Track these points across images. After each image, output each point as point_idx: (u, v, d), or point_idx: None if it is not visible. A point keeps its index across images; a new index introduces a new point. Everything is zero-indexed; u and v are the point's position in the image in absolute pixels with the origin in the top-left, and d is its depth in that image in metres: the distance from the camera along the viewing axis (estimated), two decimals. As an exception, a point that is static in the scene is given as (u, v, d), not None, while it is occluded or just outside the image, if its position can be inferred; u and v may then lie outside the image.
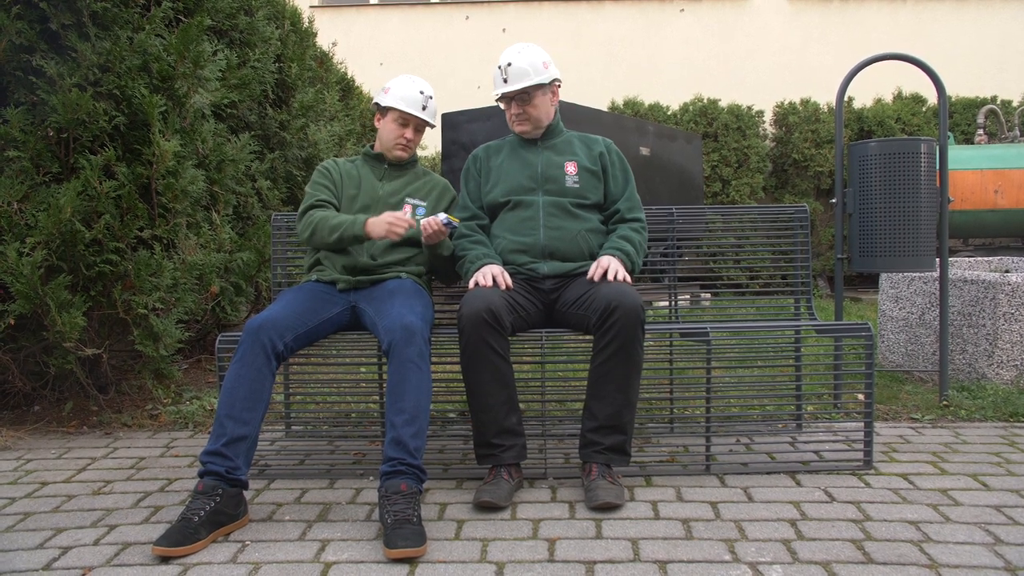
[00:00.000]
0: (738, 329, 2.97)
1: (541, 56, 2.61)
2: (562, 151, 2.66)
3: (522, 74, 2.57)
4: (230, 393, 2.15)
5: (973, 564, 1.84)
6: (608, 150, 2.70)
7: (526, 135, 2.67)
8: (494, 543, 2.00)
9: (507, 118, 2.68)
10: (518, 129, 2.66)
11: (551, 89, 2.65)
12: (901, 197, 3.21)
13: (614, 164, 2.68)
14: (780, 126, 8.91)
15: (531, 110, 2.61)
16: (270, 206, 4.35)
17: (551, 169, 2.62)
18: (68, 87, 2.95)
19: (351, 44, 9.84)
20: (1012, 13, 10.31)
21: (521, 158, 2.67)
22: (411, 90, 2.66)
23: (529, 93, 2.59)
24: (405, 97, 2.64)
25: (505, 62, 2.59)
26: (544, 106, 2.64)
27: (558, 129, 2.72)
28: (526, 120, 2.63)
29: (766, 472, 2.53)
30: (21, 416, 3.33)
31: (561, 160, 2.64)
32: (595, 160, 2.66)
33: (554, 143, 2.69)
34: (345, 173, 2.72)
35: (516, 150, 2.70)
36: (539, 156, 2.66)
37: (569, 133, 2.74)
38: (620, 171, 2.69)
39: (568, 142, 2.69)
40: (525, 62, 2.57)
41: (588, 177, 2.63)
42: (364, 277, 2.54)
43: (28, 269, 2.80)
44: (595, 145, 2.70)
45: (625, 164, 2.71)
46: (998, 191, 7.00)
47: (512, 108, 2.62)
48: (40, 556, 1.98)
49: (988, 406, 3.20)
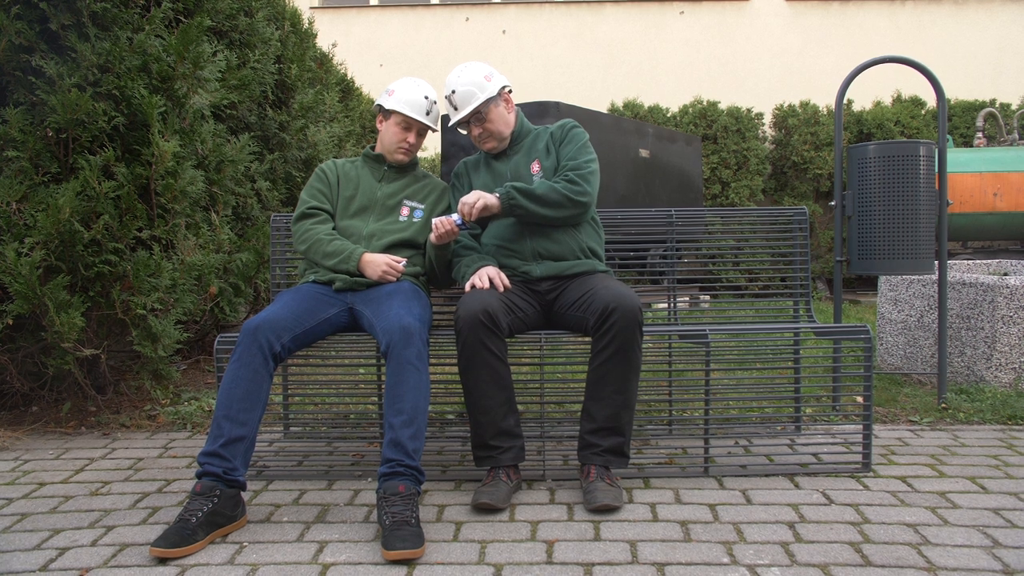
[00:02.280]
0: (737, 331, 2.97)
1: (481, 71, 2.58)
2: (528, 151, 2.66)
3: (468, 96, 2.55)
4: (227, 394, 2.15)
5: (971, 567, 1.84)
6: (561, 127, 2.66)
7: (494, 151, 2.66)
8: (492, 545, 2.00)
9: (472, 141, 2.68)
10: (486, 147, 2.65)
11: (502, 99, 2.62)
12: (900, 200, 3.21)
13: (563, 138, 2.63)
14: (779, 128, 8.92)
15: (490, 127, 2.59)
16: (269, 207, 4.35)
17: (518, 173, 2.62)
18: (67, 87, 2.95)
19: (351, 45, 9.86)
20: (1011, 16, 10.33)
21: (492, 170, 2.68)
22: (416, 94, 2.65)
23: (482, 112, 2.57)
24: (409, 101, 2.63)
25: (449, 90, 2.57)
26: (501, 118, 2.61)
27: (523, 131, 2.70)
28: (489, 137, 2.62)
29: (764, 474, 2.53)
30: (19, 416, 3.33)
31: (528, 161, 2.63)
32: (550, 146, 2.64)
33: (520, 146, 2.68)
34: (343, 174, 2.72)
35: (488, 162, 2.71)
36: (507, 164, 2.65)
37: (534, 130, 2.71)
38: (569, 140, 2.62)
39: (533, 140, 2.68)
40: (467, 82, 2.55)
41: (550, 168, 2.61)
42: (361, 279, 2.54)
43: (27, 269, 2.80)
44: (548, 131, 2.68)
45: (577, 132, 2.64)
46: (997, 194, 7.00)
47: (472, 131, 2.62)
48: (37, 557, 1.97)
49: (986, 409, 3.20)
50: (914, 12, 10.42)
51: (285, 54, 4.69)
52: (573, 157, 2.57)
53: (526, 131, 2.70)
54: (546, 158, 2.62)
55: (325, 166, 2.74)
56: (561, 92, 9.26)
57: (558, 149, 2.62)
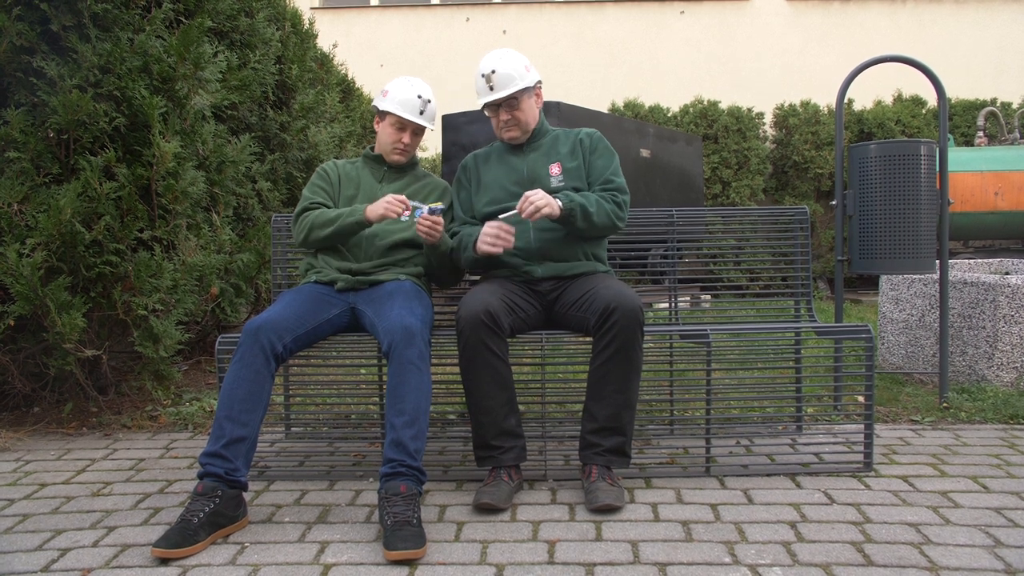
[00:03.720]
0: (738, 331, 2.97)
1: (521, 60, 2.59)
2: (547, 152, 2.65)
3: (508, 80, 2.53)
4: (229, 394, 2.15)
5: (973, 566, 1.84)
6: (589, 137, 2.66)
7: (515, 141, 2.65)
8: (494, 545, 2.00)
9: (494, 126, 2.66)
10: (507, 136, 2.63)
11: (535, 92, 2.64)
12: (901, 199, 3.21)
13: (595, 148, 2.64)
14: (780, 128, 8.92)
15: (519, 115, 2.59)
16: (270, 207, 4.35)
17: (536, 172, 2.61)
18: (68, 88, 2.95)
19: (352, 46, 9.86)
20: (1012, 15, 10.32)
21: (507, 164, 2.66)
22: (409, 94, 2.63)
23: (517, 98, 2.57)
24: (402, 101, 2.62)
25: (489, 69, 2.54)
26: (531, 110, 2.62)
27: (543, 130, 2.70)
28: (515, 126, 2.60)
29: (766, 474, 2.53)
30: (20, 417, 3.33)
31: (546, 161, 2.62)
32: (576, 152, 2.63)
33: (540, 144, 2.67)
34: (344, 174, 2.72)
35: (502, 156, 2.69)
36: (524, 161, 2.64)
37: (553, 131, 2.71)
38: (600, 156, 2.63)
39: (552, 141, 2.67)
40: (509, 66, 2.54)
41: (571, 172, 2.60)
42: (363, 278, 2.54)
43: (28, 270, 2.80)
44: (574, 136, 2.67)
45: (606, 147, 2.65)
46: (998, 193, 7.00)
47: (500, 115, 2.59)
48: (39, 558, 1.98)
49: (988, 408, 3.20)
50: (915, 11, 10.42)
51: (286, 55, 4.69)
52: (615, 174, 2.60)
53: (546, 131, 2.70)
54: (570, 161, 2.61)
55: (327, 166, 2.74)
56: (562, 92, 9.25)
57: (589, 158, 2.62)
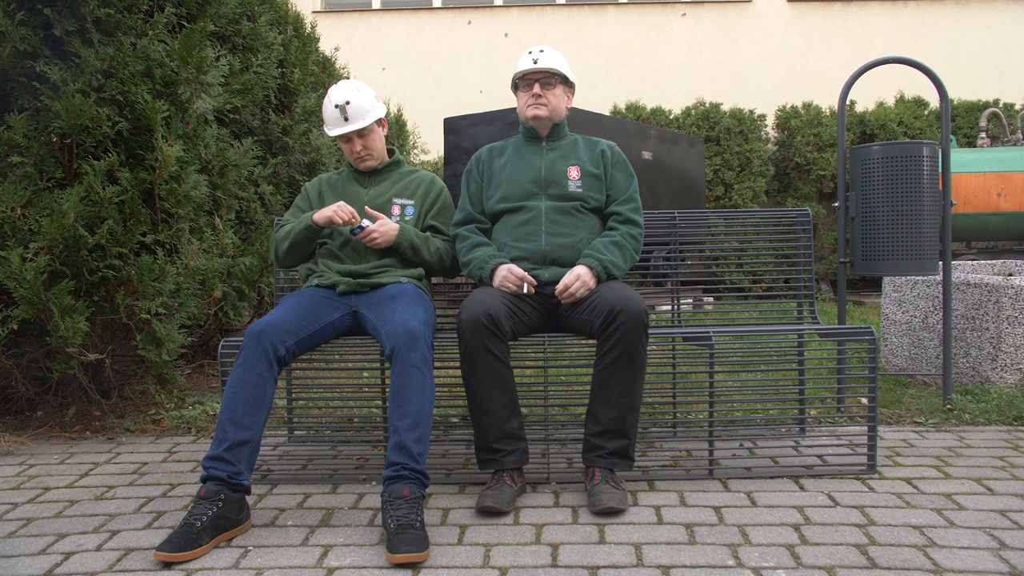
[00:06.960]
0: (741, 333, 2.96)
1: (563, 57, 2.68)
2: (566, 154, 2.65)
3: (553, 61, 2.61)
4: (232, 398, 2.15)
5: (978, 569, 1.83)
6: (611, 150, 2.69)
7: (537, 122, 2.64)
8: (497, 548, 2.00)
9: (521, 104, 2.65)
10: (531, 113, 2.62)
11: (570, 89, 2.70)
12: (904, 201, 3.20)
13: (616, 165, 2.67)
14: (782, 130, 8.92)
15: (552, 98, 2.61)
16: (273, 211, 4.36)
17: (554, 172, 2.61)
18: (71, 93, 2.96)
19: (354, 49, 9.88)
20: (1014, 16, 10.31)
21: (525, 160, 2.66)
22: (328, 110, 2.65)
23: (553, 81, 2.61)
24: (328, 119, 2.66)
25: (537, 49, 2.63)
26: (562, 100, 2.66)
27: (564, 131, 2.72)
28: (544, 105, 2.61)
29: (769, 476, 2.52)
30: (24, 421, 3.33)
31: (565, 164, 2.63)
32: (597, 162, 2.65)
33: (559, 144, 2.68)
34: (328, 187, 2.73)
35: (520, 151, 2.69)
36: (543, 158, 2.65)
37: (573, 136, 2.73)
38: (622, 172, 2.67)
39: (572, 145, 2.69)
40: (555, 55, 2.63)
41: (591, 181, 2.62)
42: (364, 280, 2.54)
43: (31, 274, 2.81)
44: (597, 147, 2.70)
45: (628, 166, 2.70)
46: (1001, 194, 6.99)
47: (533, 90, 2.61)
48: (42, 562, 1.98)
49: (992, 410, 3.19)
50: (916, 12, 10.41)
51: (288, 58, 4.70)
52: (631, 198, 2.64)
53: (566, 132, 2.73)
54: (592, 168, 2.63)
55: (308, 185, 2.79)
56: (563, 94, 9.24)
57: (611, 171, 2.65)
